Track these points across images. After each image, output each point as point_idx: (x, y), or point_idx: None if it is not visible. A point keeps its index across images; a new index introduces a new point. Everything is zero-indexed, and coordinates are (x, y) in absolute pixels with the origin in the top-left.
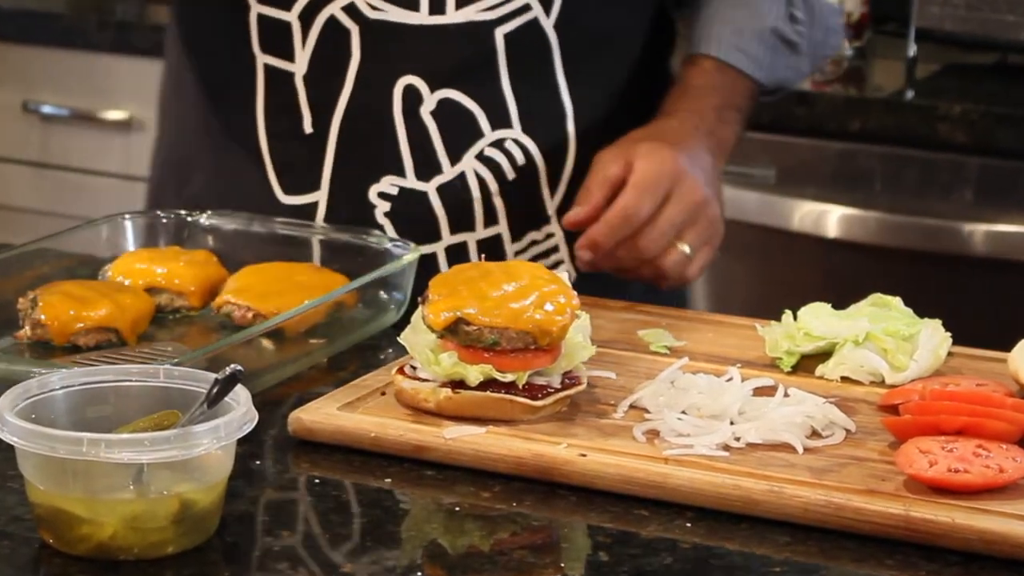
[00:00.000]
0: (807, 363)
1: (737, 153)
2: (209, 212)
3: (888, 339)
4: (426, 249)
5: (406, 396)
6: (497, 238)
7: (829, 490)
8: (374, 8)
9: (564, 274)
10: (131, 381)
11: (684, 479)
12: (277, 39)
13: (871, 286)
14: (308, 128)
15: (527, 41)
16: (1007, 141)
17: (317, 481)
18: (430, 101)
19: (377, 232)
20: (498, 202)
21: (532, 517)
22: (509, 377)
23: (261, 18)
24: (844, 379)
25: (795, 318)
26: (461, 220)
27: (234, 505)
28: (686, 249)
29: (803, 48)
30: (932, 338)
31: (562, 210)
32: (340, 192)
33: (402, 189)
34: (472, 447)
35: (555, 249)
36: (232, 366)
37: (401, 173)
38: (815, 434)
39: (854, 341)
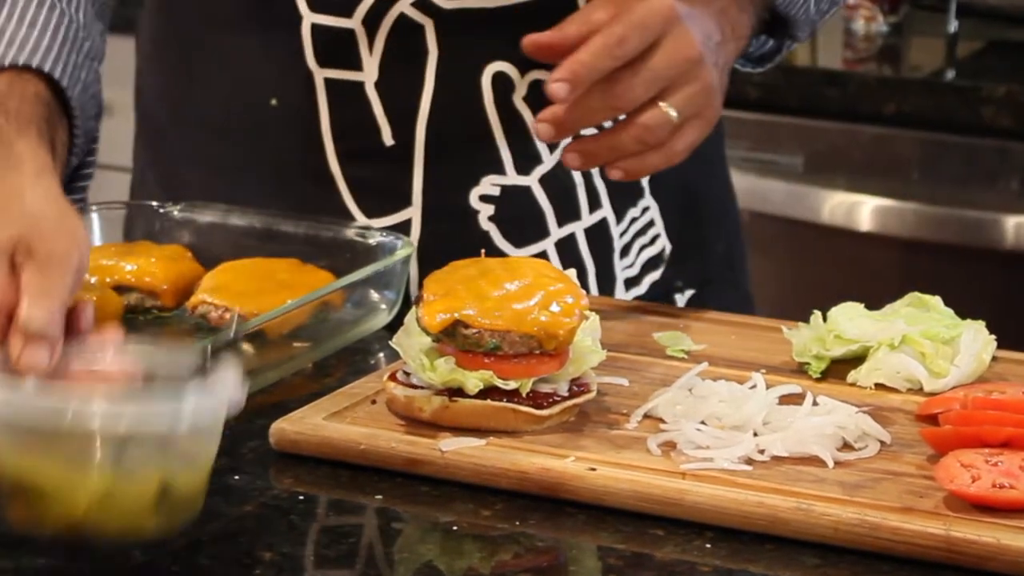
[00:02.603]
0: (838, 369)
1: (761, 138)
2: (183, 204)
3: (927, 342)
4: (536, 248)
5: (399, 405)
6: (603, 224)
7: (862, 508)
8: None
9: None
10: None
11: (703, 496)
12: (338, 49)
13: (908, 284)
14: (388, 140)
15: None
16: None
17: (301, 497)
18: (521, 86)
19: (366, 225)
20: (599, 183)
21: (537, 537)
22: (511, 384)
23: (316, 28)
24: (878, 386)
25: (825, 319)
26: (567, 210)
27: (211, 523)
28: (672, 112)
29: None
30: (975, 341)
31: (653, 179)
32: (436, 204)
33: (504, 187)
34: (471, 461)
35: (651, 224)
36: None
37: (500, 171)
38: (847, 446)
39: (889, 345)
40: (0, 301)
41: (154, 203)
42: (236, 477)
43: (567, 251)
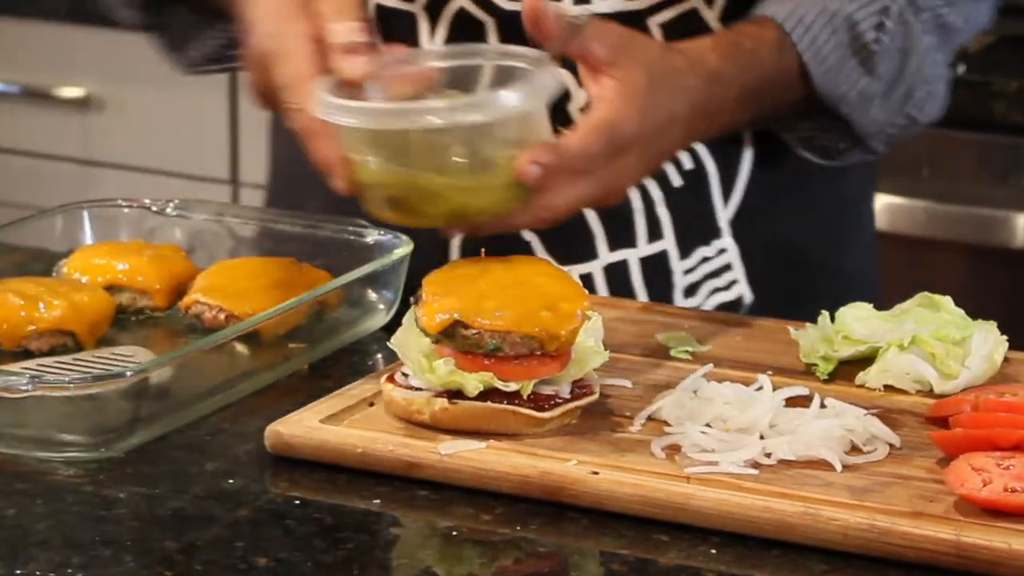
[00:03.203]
0: (846, 370)
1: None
2: (177, 201)
3: (937, 343)
4: (582, 269)
5: (397, 407)
6: (662, 255)
7: (871, 512)
8: None
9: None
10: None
11: (708, 500)
12: (401, 33)
13: (918, 284)
14: None
15: (687, 32)
16: None
17: (298, 502)
18: (580, 97)
19: (364, 223)
20: (663, 213)
21: (538, 542)
22: (512, 386)
23: (381, 9)
24: (887, 388)
25: (833, 320)
26: (621, 235)
27: (204, 529)
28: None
29: (882, 71)
30: (986, 342)
31: (737, 221)
32: None
33: None
34: (471, 464)
35: (728, 267)
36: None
37: None
38: (855, 449)
39: (899, 345)
40: (312, 31)
41: (147, 201)
42: (231, 481)
43: (617, 278)
